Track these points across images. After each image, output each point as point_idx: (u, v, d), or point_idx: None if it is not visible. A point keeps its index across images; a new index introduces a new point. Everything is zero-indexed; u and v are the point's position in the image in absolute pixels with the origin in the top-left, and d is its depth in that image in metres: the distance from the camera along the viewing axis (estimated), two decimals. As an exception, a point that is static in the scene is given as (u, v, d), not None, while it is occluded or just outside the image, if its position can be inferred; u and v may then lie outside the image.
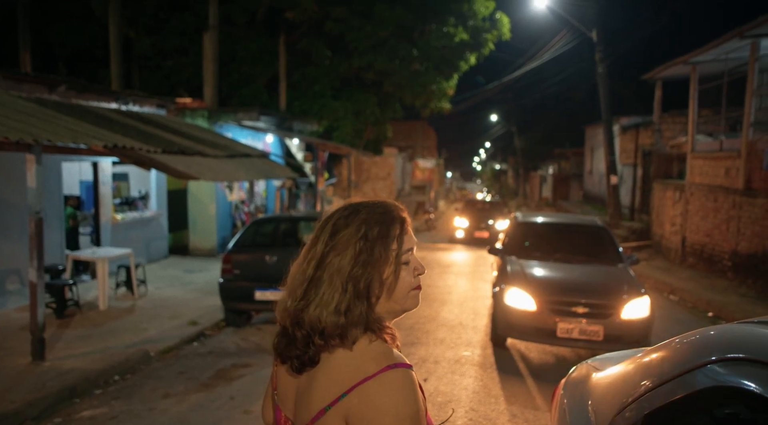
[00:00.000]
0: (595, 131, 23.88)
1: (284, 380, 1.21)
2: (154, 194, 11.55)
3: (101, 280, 7.96)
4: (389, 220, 1.20)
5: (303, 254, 1.22)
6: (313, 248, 1.20)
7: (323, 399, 1.10)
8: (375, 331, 1.15)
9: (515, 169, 59.97)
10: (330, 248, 1.16)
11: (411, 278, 1.20)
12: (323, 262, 1.16)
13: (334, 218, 1.22)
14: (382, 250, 1.16)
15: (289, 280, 1.21)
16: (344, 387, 1.08)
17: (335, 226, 1.19)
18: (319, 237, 1.20)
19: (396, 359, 1.11)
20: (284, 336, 1.18)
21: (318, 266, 1.16)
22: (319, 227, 1.23)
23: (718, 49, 11.93)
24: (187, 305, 8.31)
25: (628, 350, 2.30)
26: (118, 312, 7.83)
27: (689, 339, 1.51)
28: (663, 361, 1.46)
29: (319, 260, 1.16)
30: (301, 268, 1.19)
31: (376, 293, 1.15)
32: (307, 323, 1.13)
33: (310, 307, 1.14)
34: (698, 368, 1.28)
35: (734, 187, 11.18)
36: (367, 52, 15.89)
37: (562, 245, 6.91)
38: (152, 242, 11.41)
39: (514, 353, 6.17)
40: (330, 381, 1.11)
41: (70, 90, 8.76)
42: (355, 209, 1.22)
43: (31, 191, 5.59)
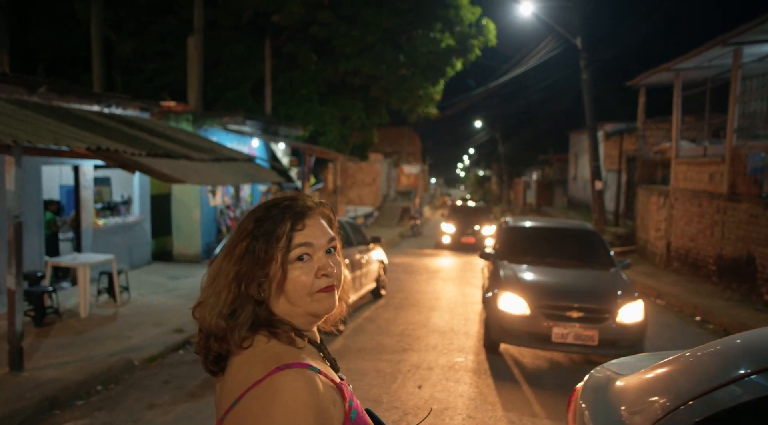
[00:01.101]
0: (579, 137, 24.12)
1: (219, 387, 1.13)
2: (137, 199, 11.31)
3: (82, 287, 7.72)
4: (281, 214, 1.13)
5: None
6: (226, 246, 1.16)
7: (222, 408, 1.05)
8: (274, 333, 1.07)
9: (499, 175, 60.37)
10: (226, 251, 1.13)
11: (308, 278, 1.10)
12: (220, 264, 1.12)
13: (241, 219, 1.18)
14: (265, 246, 1.09)
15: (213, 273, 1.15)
16: (236, 395, 1.01)
17: (238, 227, 1.15)
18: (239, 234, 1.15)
19: (288, 359, 1.02)
20: (199, 340, 1.14)
21: (216, 265, 1.13)
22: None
23: (701, 57, 12.09)
24: (171, 312, 8.10)
25: (644, 354, 2.24)
26: (100, 320, 7.60)
27: (734, 342, 1.45)
28: (710, 366, 1.40)
29: (219, 263, 1.13)
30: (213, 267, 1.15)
31: (263, 293, 1.09)
32: (204, 326, 1.09)
33: (203, 310, 1.09)
34: (757, 373, 1.22)
35: (718, 192, 11.30)
36: (354, 57, 15.83)
37: (553, 249, 6.88)
38: (135, 247, 11.15)
39: (507, 359, 6.10)
40: (230, 387, 1.04)
41: (51, 92, 8.53)
42: (261, 206, 1.17)
43: (10, 195, 5.38)
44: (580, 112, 30.38)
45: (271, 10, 14.92)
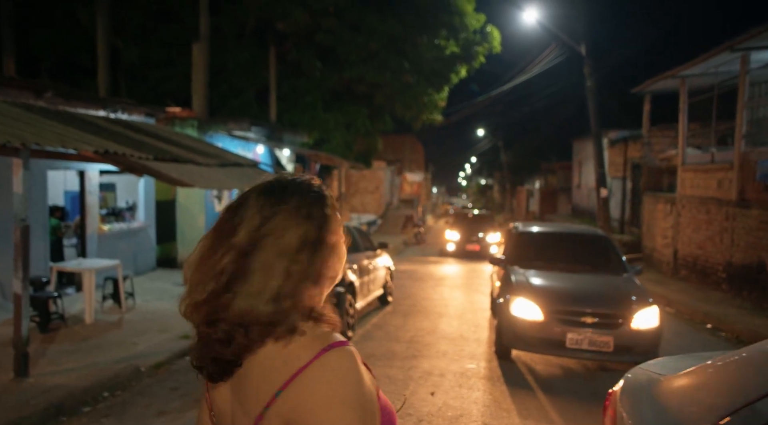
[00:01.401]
0: (583, 144, 24.08)
1: (219, 396, 1.06)
2: (142, 205, 11.25)
3: (88, 292, 7.64)
4: (326, 198, 1.10)
5: (209, 243, 1.07)
6: (229, 236, 1.04)
7: (258, 403, 0.97)
8: (320, 316, 1.04)
9: (501, 183, 60.37)
10: (263, 234, 1.03)
11: (341, 264, 1.10)
12: (253, 249, 1.01)
13: (256, 203, 1.07)
14: (328, 230, 1.07)
15: (193, 273, 1.06)
16: (278, 384, 0.95)
17: (263, 209, 1.05)
18: (239, 224, 1.04)
19: (330, 339, 1.00)
20: (198, 341, 1.03)
21: (243, 254, 1.01)
22: (230, 212, 1.08)
23: (708, 63, 12.07)
24: (177, 319, 7.99)
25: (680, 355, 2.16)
26: (105, 326, 7.51)
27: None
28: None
29: (244, 248, 1.02)
30: (212, 259, 1.03)
31: (328, 276, 1.07)
32: (232, 317, 0.99)
33: (238, 299, 0.99)
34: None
35: (727, 198, 11.22)
36: (359, 64, 15.83)
37: (565, 254, 6.79)
38: (140, 253, 11.08)
39: (520, 365, 6.00)
40: (262, 381, 0.97)
41: (57, 96, 8.50)
42: (280, 187, 1.09)
43: (17, 198, 5.32)
44: (583, 119, 30.36)
45: (276, 18, 14.94)
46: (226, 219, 1.08)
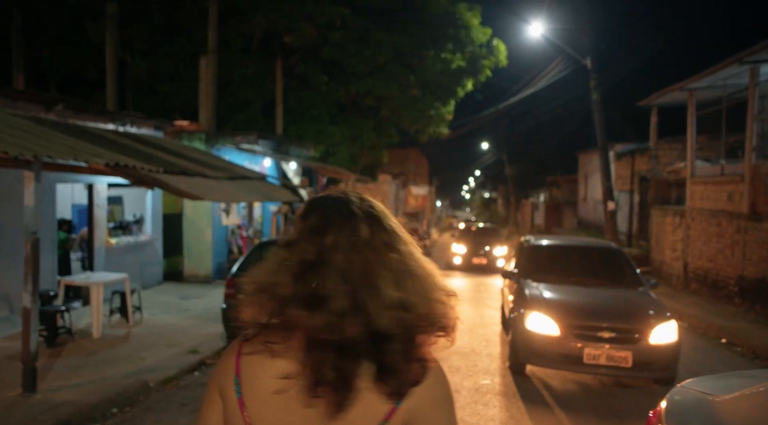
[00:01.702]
0: (588, 157, 24.03)
1: (278, 412, 1.02)
2: (149, 218, 11.22)
3: (95, 306, 7.57)
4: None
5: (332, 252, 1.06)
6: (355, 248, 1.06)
7: (374, 416, 1.00)
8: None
9: (505, 197, 60.22)
10: (391, 239, 1.10)
11: None
12: (390, 253, 1.07)
13: (360, 210, 1.12)
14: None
15: (328, 286, 1.03)
16: (395, 397, 1.01)
17: (373, 217, 1.11)
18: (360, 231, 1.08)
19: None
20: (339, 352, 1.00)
21: (380, 263, 1.05)
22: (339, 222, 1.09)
23: (716, 76, 12.05)
24: (185, 333, 7.92)
25: (723, 374, 2.07)
26: (112, 340, 7.43)
27: None
28: None
29: (382, 254, 1.06)
30: (344, 269, 1.04)
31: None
32: (417, 319, 1.03)
33: (414, 302, 1.03)
34: None
35: (738, 211, 11.12)
36: (365, 77, 15.89)
37: (578, 268, 6.71)
38: (146, 267, 11.02)
39: (535, 381, 5.88)
40: (375, 395, 1.00)
41: (67, 109, 8.52)
42: (362, 198, 1.17)
43: (27, 211, 5.29)
44: (588, 132, 30.34)
45: (282, 32, 15.03)
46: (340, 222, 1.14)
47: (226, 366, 1.10)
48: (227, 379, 1.08)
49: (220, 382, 1.10)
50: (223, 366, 1.11)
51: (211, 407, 1.12)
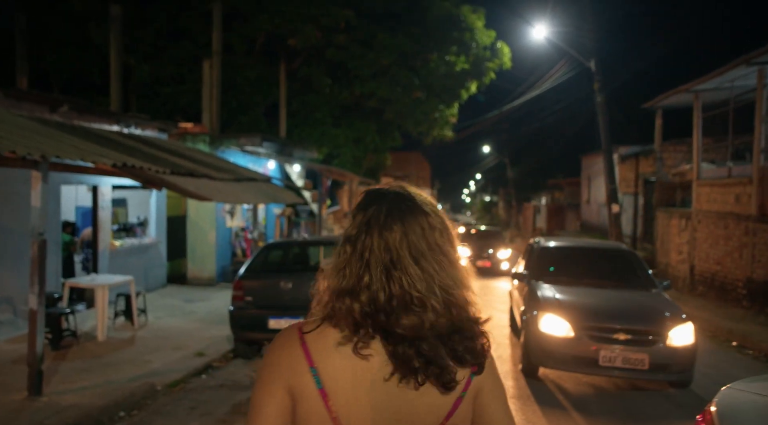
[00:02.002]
0: (592, 160, 23.97)
1: (364, 411, 1.06)
2: (153, 221, 11.14)
3: (100, 309, 7.49)
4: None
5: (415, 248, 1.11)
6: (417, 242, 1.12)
7: (455, 389, 1.08)
8: None
9: (506, 200, 60.20)
10: (444, 235, 1.17)
11: None
12: (444, 249, 1.14)
13: (422, 204, 1.19)
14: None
15: (420, 280, 1.08)
16: (468, 371, 1.11)
17: (433, 212, 1.18)
18: (422, 225, 1.13)
19: None
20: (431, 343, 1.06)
21: (437, 258, 1.12)
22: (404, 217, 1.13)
23: (723, 77, 11.99)
24: (191, 336, 7.84)
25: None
26: (117, 343, 7.34)
27: None
28: None
29: (437, 249, 1.13)
30: (406, 263, 1.09)
31: None
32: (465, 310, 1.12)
33: (463, 295, 1.12)
34: None
35: (746, 213, 11.04)
36: (369, 80, 15.84)
37: (590, 269, 6.63)
38: (150, 270, 10.94)
39: (548, 383, 5.79)
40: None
41: (72, 111, 8.46)
42: (419, 193, 1.25)
43: (35, 211, 5.21)
44: (590, 135, 30.26)
45: (286, 34, 14.99)
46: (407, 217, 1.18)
47: (293, 358, 1.08)
48: (299, 372, 1.06)
49: (288, 376, 1.07)
50: (287, 358, 1.08)
51: (272, 403, 1.07)
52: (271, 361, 1.10)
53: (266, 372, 1.09)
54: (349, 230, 1.15)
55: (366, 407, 1.05)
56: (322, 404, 1.05)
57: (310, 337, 1.08)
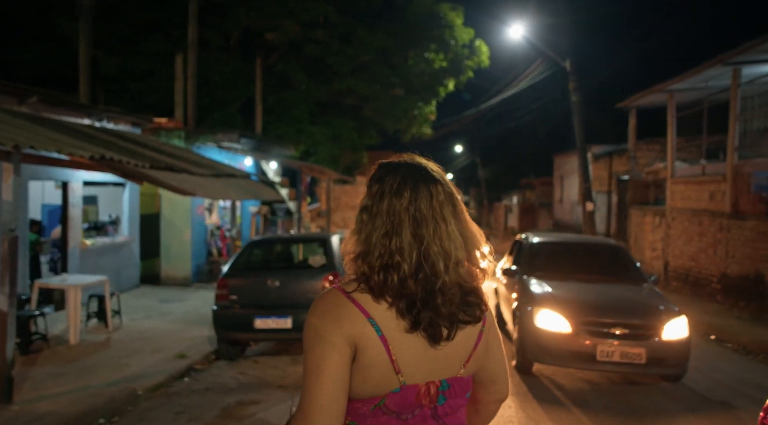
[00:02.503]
0: (564, 159, 24.29)
1: (413, 351, 1.19)
2: (126, 219, 10.71)
3: (72, 310, 7.11)
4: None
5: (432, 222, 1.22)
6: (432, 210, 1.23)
7: (472, 338, 1.26)
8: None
9: (478, 199, 60.81)
10: (455, 202, 1.29)
11: None
12: (456, 215, 1.26)
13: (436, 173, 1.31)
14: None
15: (443, 245, 1.21)
16: (484, 308, 1.27)
17: (445, 182, 1.30)
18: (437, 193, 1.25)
19: None
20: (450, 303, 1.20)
21: (448, 226, 1.23)
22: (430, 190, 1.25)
23: (697, 77, 12.22)
24: (169, 337, 7.52)
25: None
26: (91, 346, 6.98)
27: None
28: None
29: (450, 216, 1.24)
30: (450, 232, 1.23)
31: None
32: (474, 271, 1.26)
33: (471, 259, 1.26)
34: None
35: (720, 210, 11.28)
36: (348, 77, 15.64)
37: (582, 264, 6.62)
38: (123, 269, 10.52)
39: (543, 380, 5.73)
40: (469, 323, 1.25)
41: (42, 102, 8.03)
42: (432, 164, 1.38)
43: (6, 206, 4.88)
44: (562, 135, 30.72)
45: (264, 29, 14.67)
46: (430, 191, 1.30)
47: (351, 312, 1.17)
48: (358, 323, 1.16)
49: (350, 328, 1.15)
50: (347, 313, 1.17)
51: (336, 355, 1.14)
52: (329, 318, 1.16)
53: (325, 328, 1.15)
54: (365, 200, 1.26)
55: (413, 348, 1.18)
56: (383, 350, 1.15)
57: (356, 295, 1.18)
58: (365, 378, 1.15)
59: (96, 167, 5.98)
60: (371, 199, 1.25)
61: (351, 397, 1.16)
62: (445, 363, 1.21)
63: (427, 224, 1.19)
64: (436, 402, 1.21)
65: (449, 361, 1.22)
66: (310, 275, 6.17)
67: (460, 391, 1.24)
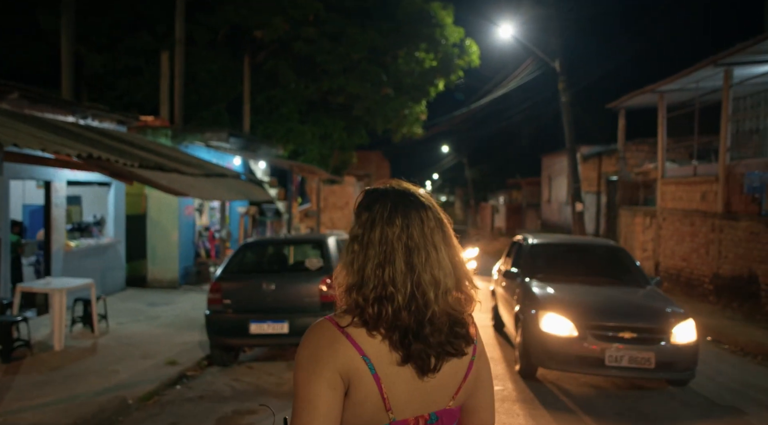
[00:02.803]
0: (552, 159, 24.33)
1: (405, 385, 1.18)
2: (111, 219, 10.39)
3: (57, 315, 6.83)
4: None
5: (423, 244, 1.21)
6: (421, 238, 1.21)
7: (462, 369, 1.24)
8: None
9: (464, 200, 60.86)
10: (444, 230, 1.26)
11: None
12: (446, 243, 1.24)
13: (425, 200, 1.27)
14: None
15: (434, 274, 1.19)
16: (471, 339, 1.25)
17: (434, 208, 1.27)
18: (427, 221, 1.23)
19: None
20: (439, 333, 1.19)
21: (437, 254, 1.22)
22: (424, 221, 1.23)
23: (688, 78, 12.25)
24: (159, 343, 7.26)
25: None
26: (78, 353, 6.71)
27: None
28: None
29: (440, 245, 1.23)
30: (440, 260, 1.21)
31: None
32: (464, 299, 1.24)
33: (461, 287, 1.23)
34: None
35: (712, 211, 11.30)
36: (338, 75, 15.41)
37: (585, 267, 6.51)
38: (108, 272, 10.20)
39: (549, 385, 5.59)
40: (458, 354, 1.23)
41: (23, 99, 7.72)
42: (419, 190, 1.32)
43: (-12, 206, 4.60)
44: (551, 135, 30.77)
45: (253, 26, 14.39)
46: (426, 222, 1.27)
47: (346, 348, 1.16)
48: (353, 360, 1.15)
49: (342, 365, 1.15)
50: (341, 349, 1.16)
51: (328, 390, 1.13)
52: (323, 353, 1.16)
53: (319, 364, 1.15)
54: (355, 229, 1.23)
55: (405, 383, 1.17)
56: (376, 387, 1.15)
57: (350, 330, 1.17)
58: (355, 413, 1.16)
59: (83, 166, 5.72)
60: (362, 227, 1.21)
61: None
62: (435, 396, 1.21)
63: (419, 252, 1.18)
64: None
65: (439, 393, 1.22)
66: (307, 277, 5.97)
67: (448, 423, 1.25)
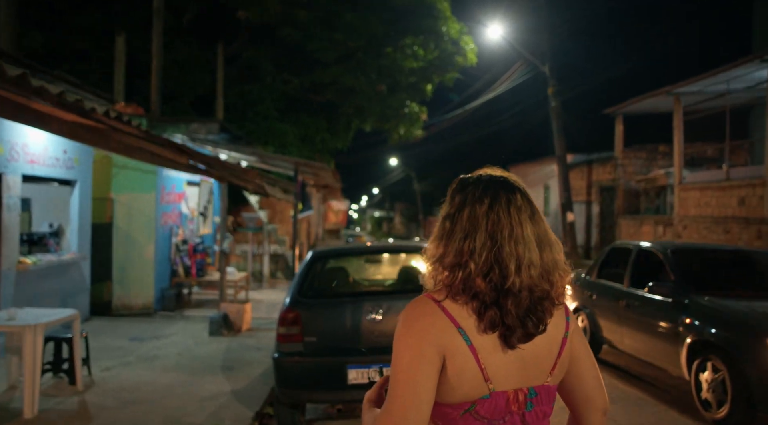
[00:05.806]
0: (528, 169, 23.59)
1: (501, 357, 1.21)
2: (74, 229, 8.04)
3: (29, 364, 4.63)
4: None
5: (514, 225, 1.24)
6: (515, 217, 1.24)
7: (558, 332, 1.29)
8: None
9: (404, 214, 60.23)
10: (534, 210, 1.30)
11: None
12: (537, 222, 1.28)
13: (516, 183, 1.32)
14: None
15: (517, 248, 1.22)
16: (563, 329, 1.31)
17: (524, 191, 1.31)
18: (517, 201, 1.26)
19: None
20: (519, 305, 1.21)
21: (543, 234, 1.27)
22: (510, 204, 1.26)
23: (712, 79, 11.68)
24: (176, 397, 5.18)
25: None
26: (61, 422, 4.52)
27: None
28: None
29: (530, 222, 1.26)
30: (525, 236, 1.23)
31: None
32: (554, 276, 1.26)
33: (553, 262, 1.26)
34: None
35: (756, 216, 10.59)
36: (331, 66, 13.64)
37: (746, 279, 5.25)
38: (70, 298, 7.81)
39: None
40: (555, 317, 1.28)
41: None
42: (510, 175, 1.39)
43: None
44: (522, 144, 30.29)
45: (238, 4, 12.39)
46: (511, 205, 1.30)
47: (442, 322, 1.20)
48: (448, 333, 1.19)
49: (440, 338, 1.19)
50: (439, 322, 1.20)
51: (426, 363, 1.18)
52: (421, 327, 1.20)
53: (417, 337, 1.19)
54: (447, 209, 1.29)
55: (499, 356, 1.21)
56: (473, 358, 1.19)
57: (446, 304, 1.22)
58: (454, 385, 1.19)
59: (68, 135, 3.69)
60: (453, 207, 1.28)
61: (439, 402, 1.20)
62: (533, 371, 1.24)
63: (503, 227, 1.21)
64: (525, 408, 1.24)
65: (535, 369, 1.24)
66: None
67: (546, 399, 1.26)
